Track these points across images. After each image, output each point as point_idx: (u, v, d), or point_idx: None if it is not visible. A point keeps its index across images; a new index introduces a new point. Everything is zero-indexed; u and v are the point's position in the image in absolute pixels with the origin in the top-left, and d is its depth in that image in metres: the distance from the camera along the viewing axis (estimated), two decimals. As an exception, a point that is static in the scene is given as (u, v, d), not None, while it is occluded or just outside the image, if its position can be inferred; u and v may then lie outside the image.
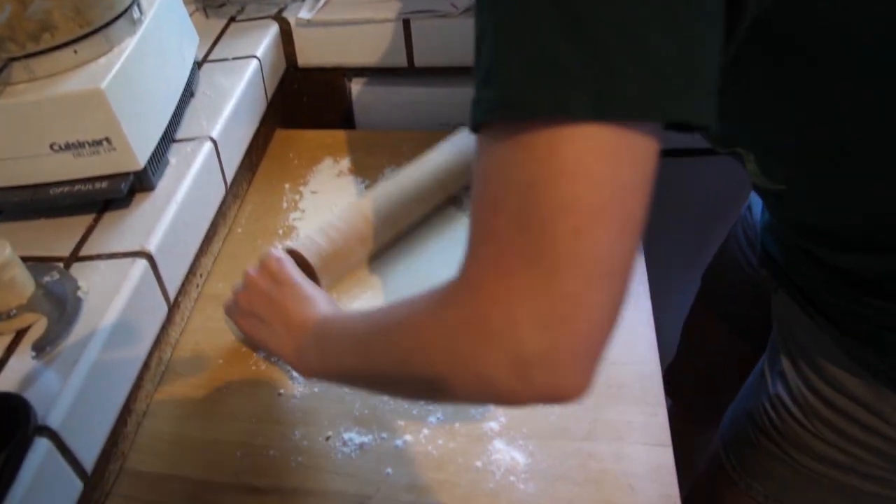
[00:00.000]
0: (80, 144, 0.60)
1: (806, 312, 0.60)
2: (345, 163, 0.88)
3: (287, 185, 0.85)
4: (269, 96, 0.90)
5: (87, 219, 0.64)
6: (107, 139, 0.60)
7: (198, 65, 0.82)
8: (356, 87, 0.96)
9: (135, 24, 0.63)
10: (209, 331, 0.69)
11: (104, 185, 0.61)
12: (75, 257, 0.61)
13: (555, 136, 0.30)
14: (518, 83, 0.30)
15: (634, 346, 0.65)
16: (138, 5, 0.65)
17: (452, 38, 0.89)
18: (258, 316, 0.59)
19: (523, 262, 0.31)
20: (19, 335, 0.55)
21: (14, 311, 0.55)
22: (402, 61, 0.93)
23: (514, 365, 0.32)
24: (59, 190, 0.61)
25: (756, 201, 0.79)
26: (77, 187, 0.61)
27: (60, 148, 0.59)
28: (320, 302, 0.57)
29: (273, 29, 0.91)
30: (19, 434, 0.44)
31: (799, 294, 0.60)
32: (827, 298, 0.57)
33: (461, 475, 0.57)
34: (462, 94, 0.92)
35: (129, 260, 0.60)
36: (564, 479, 0.57)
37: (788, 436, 0.64)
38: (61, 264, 0.60)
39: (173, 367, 0.66)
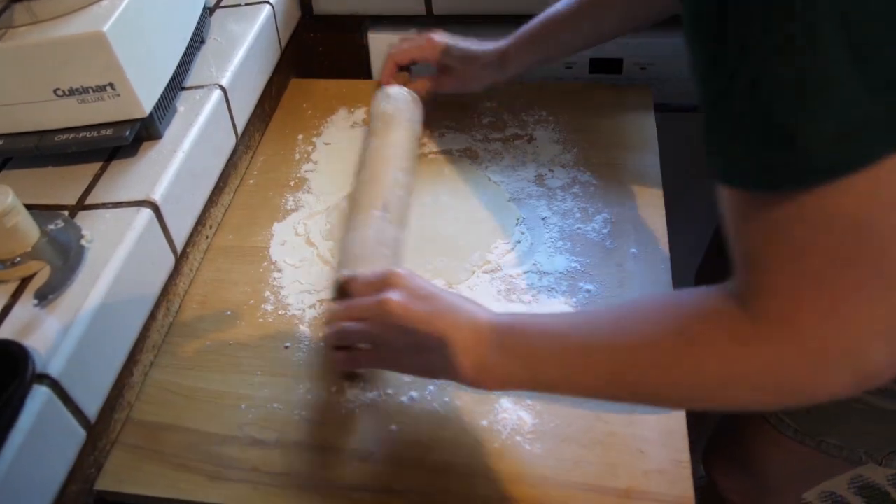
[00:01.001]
0: (84, 90, 0.58)
1: None
2: (359, 113, 0.86)
3: (300, 136, 0.84)
4: (283, 44, 0.88)
5: (93, 167, 0.64)
6: (110, 85, 0.58)
7: (209, 11, 0.80)
8: (373, 35, 0.93)
9: (138, -36, 0.61)
10: (218, 282, 0.69)
11: (109, 132, 0.60)
12: (81, 206, 0.60)
13: (869, 177, 0.31)
14: (828, 145, 0.31)
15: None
16: (143, -55, 0.62)
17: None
18: (414, 345, 0.50)
19: (857, 292, 0.33)
20: (24, 283, 0.55)
21: (18, 258, 0.54)
22: (420, 8, 0.89)
23: (859, 380, 0.35)
24: (63, 136, 0.60)
25: None
26: (82, 134, 0.60)
27: (64, 93, 0.58)
28: (474, 307, 0.51)
29: (287, -26, 0.88)
30: (17, 382, 0.44)
31: None
32: None
33: (467, 433, 0.56)
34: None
35: (133, 209, 0.59)
36: (571, 440, 0.55)
37: None
38: (66, 213, 0.59)
39: (181, 318, 0.66)
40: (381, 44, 0.94)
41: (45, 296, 0.52)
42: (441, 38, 0.77)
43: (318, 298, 0.66)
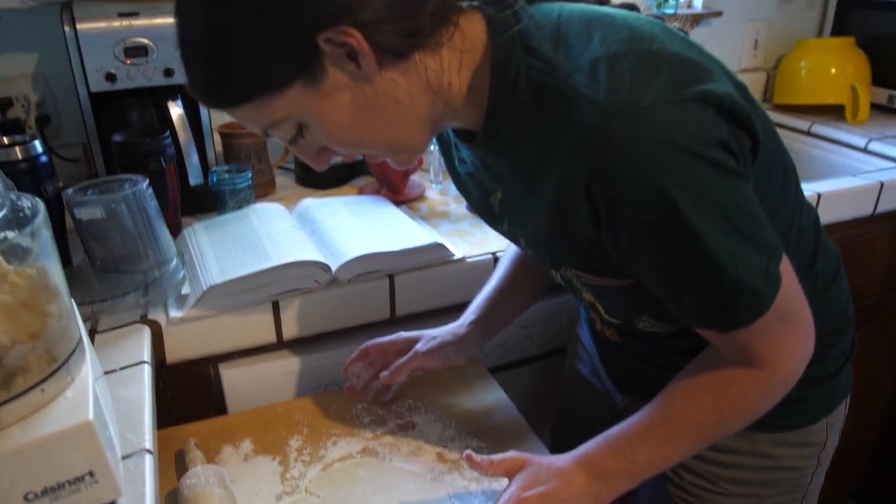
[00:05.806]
0: (59, 486, 0.55)
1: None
2: (246, 445, 0.88)
3: (197, 484, 0.82)
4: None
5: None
6: (90, 473, 0.56)
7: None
8: (225, 371, 0.98)
9: (84, 350, 0.63)
10: None
11: (86, 525, 0.56)
12: None
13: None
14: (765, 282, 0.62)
15: None
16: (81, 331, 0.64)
17: (318, 309, 1.00)
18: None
19: (797, 341, 0.67)
20: None
21: None
22: (270, 338, 0.99)
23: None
24: (30, 545, 0.54)
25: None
26: (53, 536, 0.55)
27: (36, 496, 0.54)
28: (562, 463, 0.70)
29: (146, 332, 0.91)
30: None
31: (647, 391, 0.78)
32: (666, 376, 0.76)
33: None
34: (331, 358, 1.01)
35: None
36: None
37: None
38: None
39: None
40: (236, 379, 0.99)
41: None
42: (410, 333, 0.93)
43: None
